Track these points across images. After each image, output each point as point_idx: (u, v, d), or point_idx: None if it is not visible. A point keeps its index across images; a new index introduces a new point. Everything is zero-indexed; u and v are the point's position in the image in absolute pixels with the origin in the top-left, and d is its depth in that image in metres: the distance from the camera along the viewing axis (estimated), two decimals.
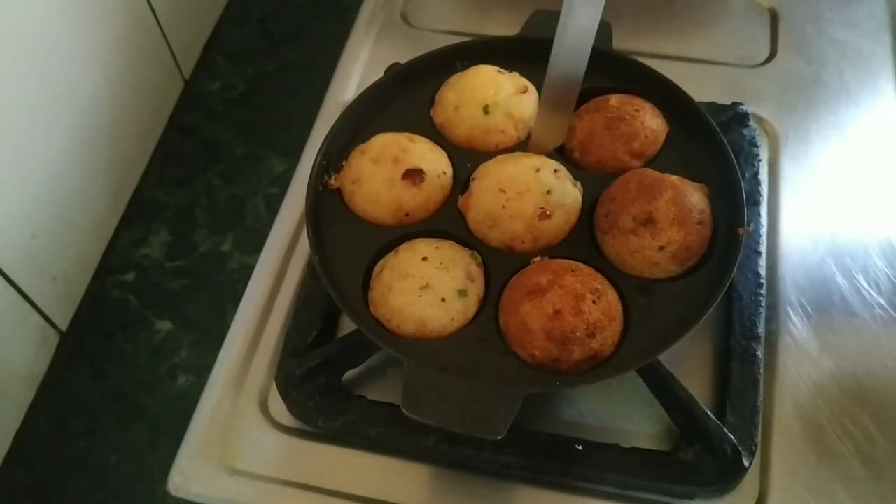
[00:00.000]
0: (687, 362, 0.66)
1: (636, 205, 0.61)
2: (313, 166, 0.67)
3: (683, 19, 0.91)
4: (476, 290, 0.62)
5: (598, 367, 0.58)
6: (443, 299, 0.60)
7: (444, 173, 0.67)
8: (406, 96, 0.73)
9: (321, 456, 0.64)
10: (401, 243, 0.64)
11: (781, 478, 0.61)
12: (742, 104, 0.78)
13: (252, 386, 0.67)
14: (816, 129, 0.80)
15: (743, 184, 0.64)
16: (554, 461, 0.61)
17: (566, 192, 0.65)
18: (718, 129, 0.67)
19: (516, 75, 0.72)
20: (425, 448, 0.62)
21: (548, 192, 0.64)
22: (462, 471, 0.63)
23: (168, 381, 0.74)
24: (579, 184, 0.66)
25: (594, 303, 0.59)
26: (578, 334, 0.57)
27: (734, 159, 0.65)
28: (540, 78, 0.65)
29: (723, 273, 0.60)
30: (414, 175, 0.66)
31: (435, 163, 0.67)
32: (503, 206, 0.63)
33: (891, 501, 0.60)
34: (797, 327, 0.68)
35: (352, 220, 0.67)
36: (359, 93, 0.73)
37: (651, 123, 0.68)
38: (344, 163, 0.69)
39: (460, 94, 0.71)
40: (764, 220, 0.73)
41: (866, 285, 0.70)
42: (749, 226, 0.61)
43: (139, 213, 0.84)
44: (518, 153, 0.68)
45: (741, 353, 0.64)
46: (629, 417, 0.64)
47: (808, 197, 0.76)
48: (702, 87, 0.73)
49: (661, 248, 0.61)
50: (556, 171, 0.65)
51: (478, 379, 0.56)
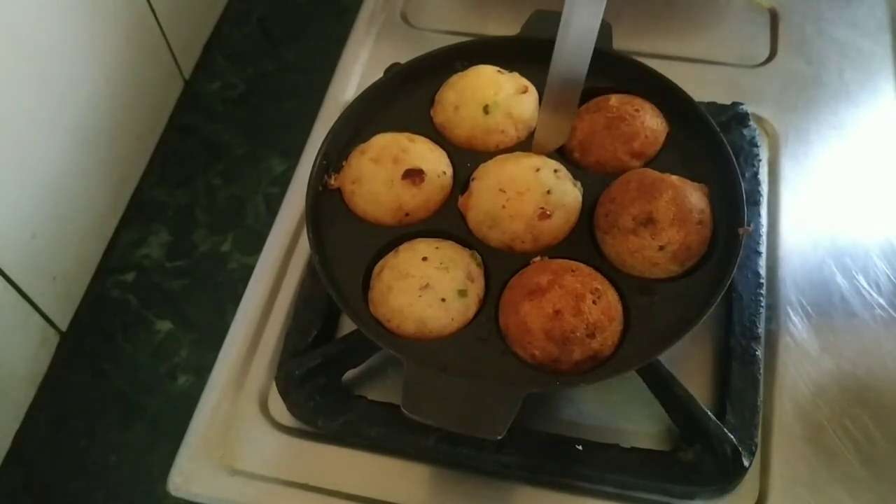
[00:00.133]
0: (687, 362, 0.66)
1: (636, 205, 0.61)
2: (313, 166, 0.67)
3: (683, 19, 0.91)
4: (476, 290, 0.62)
5: (598, 367, 0.58)
6: (443, 299, 0.60)
7: (444, 173, 0.67)
8: (406, 96, 0.73)
9: (321, 456, 0.64)
10: (401, 243, 0.64)
11: (781, 478, 0.61)
12: (742, 104, 0.78)
13: (252, 386, 0.67)
14: (816, 129, 0.80)
15: (743, 184, 0.64)
16: (554, 461, 0.61)
17: (566, 192, 0.65)
18: (718, 129, 0.67)
19: (516, 75, 0.72)
20: (425, 448, 0.62)
21: (548, 192, 0.64)
22: (462, 471, 0.63)
23: (168, 381, 0.74)
24: (579, 184, 0.66)
25: (594, 303, 0.59)
26: (578, 334, 0.57)
27: (734, 159, 0.65)
28: (540, 78, 0.65)
29: (723, 273, 0.60)
30: (414, 175, 0.66)
31: (435, 163, 0.67)
32: (503, 206, 0.63)
33: (891, 501, 0.60)
34: (797, 327, 0.68)
35: (352, 220, 0.67)
36: (359, 93, 0.73)
37: (651, 123, 0.68)
38: (344, 163, 0.69)
39: (460, 94, 0.71)
40: (764, 220, 0.73)
41: (866, 285, 0.70)
42: (749, 226, 0.61)
43: (139, 213, 0.84)
44: (518, 153, 0.68)
45: (741, 353, 0.64)
46: (629, 417, 0.64)
47: (808, 197, 0.76)
48: (702, 87, 0.73)
49: (661, 248, 0.61)
50: (556, 171, 0.65)
51: (478, 379, 0.56)
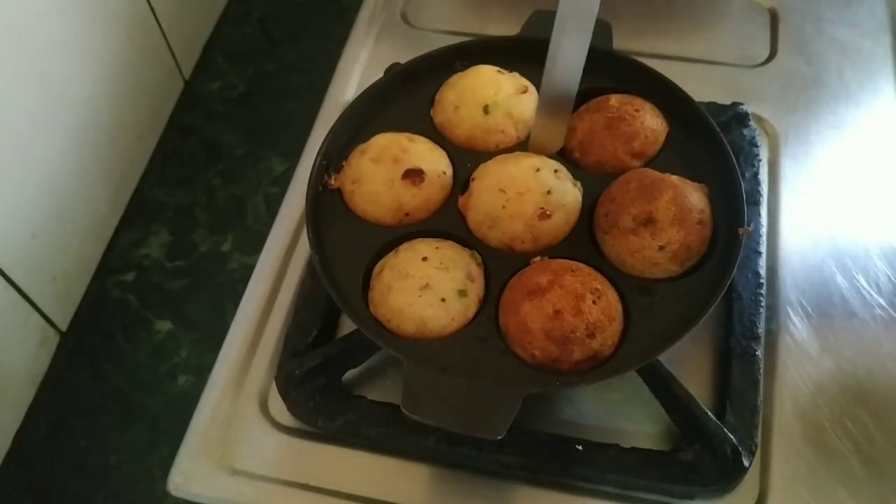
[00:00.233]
0: (687, 362, 0.66)
1: (636, 205, 0.61)
2: (313, 166, 0.67)
3: (683, 19, 0.91)
4: (476, 290, 0.62)
5: (598, 367, 0.58)
6: (443, 299, 0.60)
7: (444, 173, 0.67)
8: (406, 96, 0.73)
9: (321, 456, 0.64)
10: (401, 243, 0.64)
11: (781, 478, 0.61)
12: (742, 104, 0.78)
13: (252, 386, 0.67)
14: (816, 129, 0.80)
15: (743, 184, 0.64)
16: (554, 461, 0.61)
17: (566, 193, 0.65)
18: (718, 129, 0.67)
19: (516, 75, 0.72)
20: (425, 448, 0.62)
21: (548, 192, 0.63)
22: (462, 471, 0.62)
23: (168, 381, 0.74)
24: (579, 184, 0.66)
25: (594, 303, 0.59)
26: (578, 334, 0.57)
27: (734, 159, 0.65)
28: (540, 78, 0.65)
29: (723, 273, 0.60)
30: (414, 175, 0.65)
31: (435, 163, 0.67)
32: (503, 207, 0.63)
33: (891, 501, 0.60)
34: (797, 327, 0.68)
35: (352, 220, 0.67)
36: (359, 93, 0.73)
37: (651, 123, 0.68)
38: (344, 163, 0.69)
39: (460, 94, 0.71)
40: (764, 220, 0.73)
41: (866, 285, 0.70)
42: (749, 226, 0.61)
43: (139, 213, 0.84)
44: (518, 153, 0.68)
45: (741, 353, 0.64)
46: (629, 417, 0.64)
47: (808, 197, 0.76)
48: (702, 87, 0.73)
49: (661, 248, 0.61)
50: (556, 171, 0.65)
51: (478, 379, 0.56)
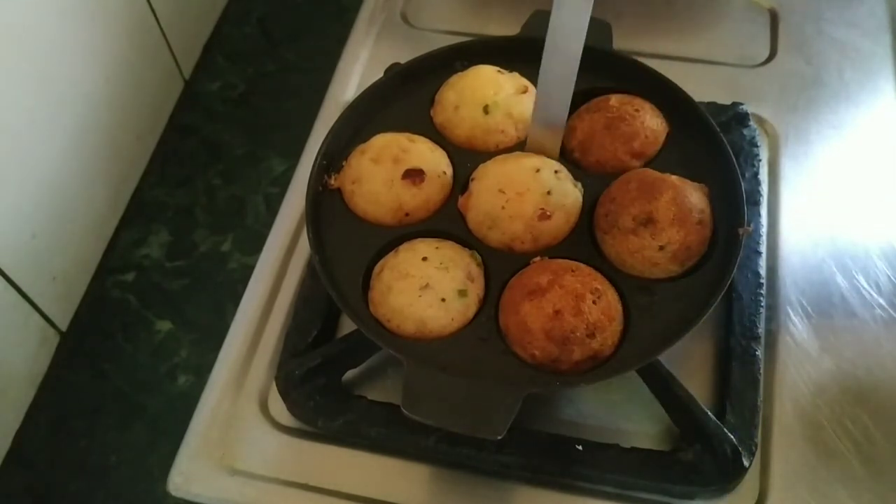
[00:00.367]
0: (687, 362, 0.66)
1: (636, 205, 0.61)
2: (313, 166, 0.67)
3: (683, 19, 0.91)
4: (476, 290, 0.62)
5: (598, 367, 0.58)
6: (443, 299, 0.60)
7: (444, 173, 0.67)
8: (406, 96, 0.73)
9: (321, 456, 0.64)
10: (401, 243, 0.64)
11: (781, 478, 0.61)
12: (742, 104, 0.78)
13: (252, 386, 0.67)
14: (816, 129, 0.80)
15: (743, 184, 0.64)
16: (554, 461, 0.61)
17: (566, 193, 0.64)
18: (718, 129, 0.67)
19: (516, 75, 0.72)
20: (425, 448, 0.62)
21: (548, 192, 0.63)
22: (462, 471, 0.62)
23: (168, 381, 0.74)
24: (579, 184, 0.66)
25: (594, 303, 0.59)
26: (578, 334, 0.57)
27: (734, 159, 0.65)
28: None
29: (723, 273, 0.60)
30: (414, 175, 0.65)
31: (435, 163, 0.67)
32: (503, 207, 0.63)
33: (891, 501, 0.60)
34: (797, 327, 0.68)
35: (352, 220, 0.67)
36: (359, 93, 0.73)
37: (651, 123, 0.68)
38: (344, 163, 0.69)
39: (460, 94, 0.71)
40: (764, 220, 0.73)
41: (866, 285, 0.70)
42: (749, 226, 0.61)
43: (139, 213, 0.84)
44: (518, 153, 0.67)
45: (741, 353, 0.64)
46: (629, 417, 0.64)
47: (808, 197, 0.76)
48: (702, 87, 0.73)
49: (661, 248, 0.61)
50: (556, 171, 0.65)
51: (478, 379, 0.56)
